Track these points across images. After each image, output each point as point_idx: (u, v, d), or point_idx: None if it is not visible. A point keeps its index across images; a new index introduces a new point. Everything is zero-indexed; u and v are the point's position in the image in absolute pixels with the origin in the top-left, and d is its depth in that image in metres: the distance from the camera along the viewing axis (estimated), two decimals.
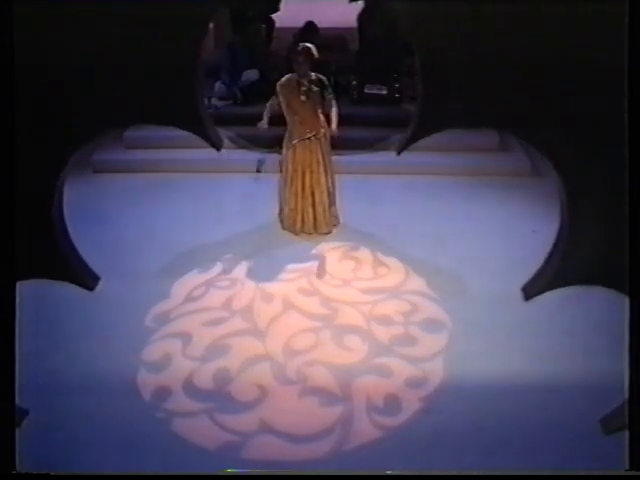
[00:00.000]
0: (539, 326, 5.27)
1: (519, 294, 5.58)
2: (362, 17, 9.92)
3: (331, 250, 6.47)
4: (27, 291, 3.01)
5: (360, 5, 10.02)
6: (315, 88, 6.34)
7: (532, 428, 4.31)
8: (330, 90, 6.45)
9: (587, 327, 5.24)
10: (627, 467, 3.13)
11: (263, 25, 10.26)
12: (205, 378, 4.85)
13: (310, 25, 9.69)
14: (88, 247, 6.22)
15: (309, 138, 6.45)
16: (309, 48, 6.33)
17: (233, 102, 8.95)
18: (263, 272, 6.13)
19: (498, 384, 4.69)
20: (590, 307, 5.33)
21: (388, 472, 3.79)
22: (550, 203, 6.98)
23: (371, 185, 7.73)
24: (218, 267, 6.22)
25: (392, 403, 4.60)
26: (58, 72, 2.71)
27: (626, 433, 3.13)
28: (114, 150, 8.59)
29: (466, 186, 7.68)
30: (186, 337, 5.29)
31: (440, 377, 4.81)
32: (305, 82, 6.32)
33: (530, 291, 4.68)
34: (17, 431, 2.91)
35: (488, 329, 5.26)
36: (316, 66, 9.45)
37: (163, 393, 4.72)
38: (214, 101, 8.92)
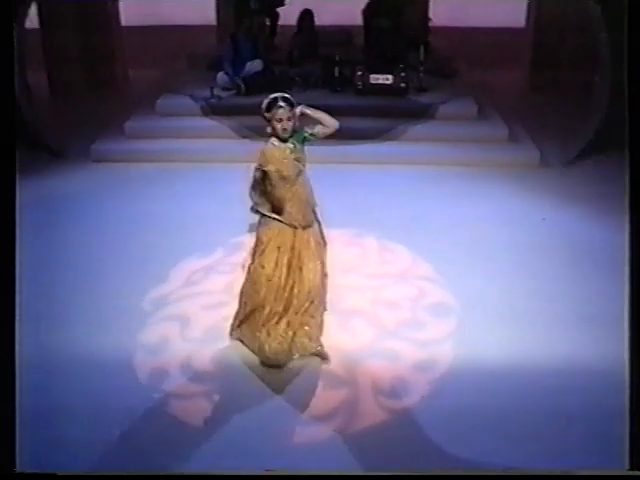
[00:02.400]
0: (548, 311, 5.12)
1: (528, 280, 5.52)
2: (367, 10, 9.81)
3: (336, 236, 6.25)
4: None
5: None
6: (303, 157, 4.36)
7: (539, 413, 4.11)
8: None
9: (598, 314, 5.04)
10: (627, 467, 3.04)
11: (267, 18, 10.14)
12: (204, 360, 4.65)
13: (307, 12, 9.68)
14: (85, 233, 6.27)
15: (301, 227, 4.42)
16: (288, 98, 4.23)
17: (236, 93, 8.78)
18: None
19: (506, 368, 4.49)
20: (603, 298, 5.18)
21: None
22: (559, 193, 6.98)
23: (378, 175, 7.55)
24: (219, 252, 6.03)
25: (399, 386, 4.39)
26: None
27: (626, 433, 3.01)
28: (114, 140, 8.45)
29: (474, 177, 7.50)
30: (185, 320, 5.09)
31: (449, 360, 4.61)
32: (294, 149, 4.28)
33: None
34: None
35: (497, 313, 5.09)
36: (320, 58, 9.41)
37: (160, 375, 4.52)
38: (217, 91, 8.77)
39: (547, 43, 10.51)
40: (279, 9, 10.38)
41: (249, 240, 6.15)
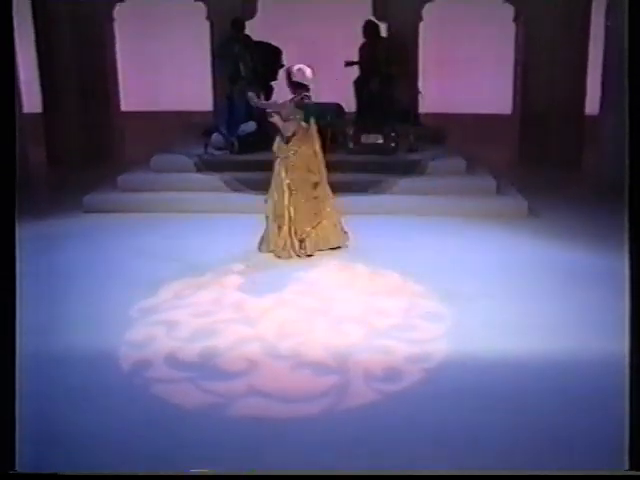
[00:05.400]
0: (546, 315, 5.09)
1: (522, 292, 5.48)
2: (359, 81, 10.14)
3: (327, 264, 6.25)
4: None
5: (356, 70, 10.27)
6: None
7: (538, 412, 3.92)
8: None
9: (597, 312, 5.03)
10: (627, 467, 2.96)
11: (261, 91, 10.42)
12: (190, 353, 4.51)
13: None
14: (74, 269, 6.18)
15: None
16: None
17: (230, 151, 8.96)
18: (255, 280, 5.90)
19: (506, 367, 4.36)
20: (602, 303, 5.14)
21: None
22: (550, 236, 6.99)
23: (367, 222, 7.56)
24: (208, 276, 5.96)
25: (392, 373, 4.26)
26: None
27: (626, 433, 2.95)
28: (107, 192, 8.52)
29: (464, 223, 7.53)
30: (172, 324, 4.98)
31: (443, 355, 4.49)
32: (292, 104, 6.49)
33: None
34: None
35: (491, 319, 5.01)
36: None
37: (144, 364, 4.38)
38: (210, 149, 8.95)
39: (533, 128, 10.88)
40: (273, 83, 10.67)
41: (237, 267, 6.16)
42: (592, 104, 10.19)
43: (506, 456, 3.55)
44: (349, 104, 10.47)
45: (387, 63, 9.74)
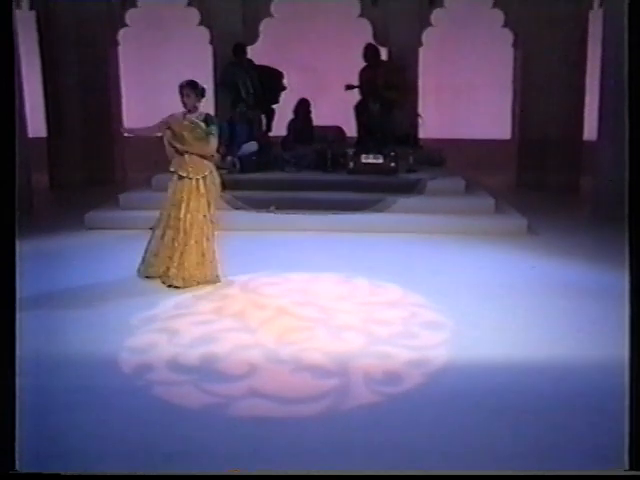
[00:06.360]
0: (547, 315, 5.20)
1: (521, 299, 5.52)
2: (360, 105, 10.27)
3: (327, 278, 6.28)
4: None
5: (357, 94, 10.39)
6: (201, 124, 5.94)
7: (538, 412, 3.93)
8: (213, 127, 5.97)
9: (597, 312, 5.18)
10: (627, 467, 2.99)
11: (263, 114, 10.55)
12: (191, 358, 4.52)
13: (304, 100, 10.14)
14: (76, 281, 6.19)
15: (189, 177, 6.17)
16: (193, 82, 6.12)
17: (230, 171, 9.03)
18: (255, 292, 5.93)
19: (505, 368, 4.42)
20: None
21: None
22: (549, 253, 7.03)
23: (366, 240, 7.62)
24: (209, 287, 5.98)
25: (391, 376, 4.28)
26: None
27: (626, 433, 2.98)
28: (108, 210, 8.59)
29: (463, 241, 7.57)
30: (173, 332, 5.00)
31: (444, 360, 4.51)
32: (192, 117, 6.00)
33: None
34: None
35: (492, 325, 5.07)
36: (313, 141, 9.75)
37: (145, 368, 4.40)
38: None
39: (532, 153, 10.99)
40: (274, 106, 10.80)
41: (238, 279, 6.20)
42: (590, 129, 10.30)
43: (506, 456, 3.54)
44: (350, 128, 10.65)
45: (387, 87, 9.86)
